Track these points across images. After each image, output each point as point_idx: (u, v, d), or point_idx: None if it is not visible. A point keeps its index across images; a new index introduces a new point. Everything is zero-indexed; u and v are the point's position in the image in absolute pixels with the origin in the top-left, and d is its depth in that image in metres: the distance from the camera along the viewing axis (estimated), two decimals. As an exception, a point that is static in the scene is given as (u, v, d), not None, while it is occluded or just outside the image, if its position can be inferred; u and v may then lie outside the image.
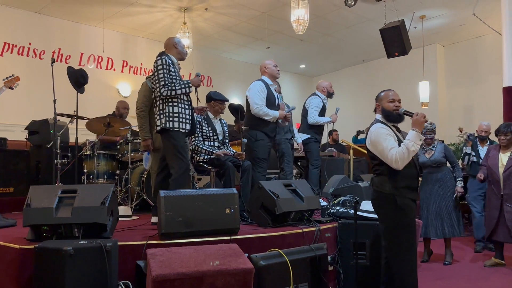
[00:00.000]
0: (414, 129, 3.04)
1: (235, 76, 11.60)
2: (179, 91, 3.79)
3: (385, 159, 3.06)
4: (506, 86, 6.35)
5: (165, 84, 3.75)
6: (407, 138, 3.03)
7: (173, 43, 4.06)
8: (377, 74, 11.99)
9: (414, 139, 3.01)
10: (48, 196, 3.03)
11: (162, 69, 3.78)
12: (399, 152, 2.99)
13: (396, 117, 3.19)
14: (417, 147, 3.02)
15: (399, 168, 3.02)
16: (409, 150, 2.98)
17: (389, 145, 3.03)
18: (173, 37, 4.15)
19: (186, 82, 3.85)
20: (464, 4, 8.31)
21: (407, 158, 3.01)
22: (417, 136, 3.02)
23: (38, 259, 2.67)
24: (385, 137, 3.07)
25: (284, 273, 3.12)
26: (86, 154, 5.42)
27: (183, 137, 3.89)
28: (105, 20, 8.91)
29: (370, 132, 3.19)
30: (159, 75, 3.78)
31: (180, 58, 4.10)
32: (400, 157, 2.98)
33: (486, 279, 4.26)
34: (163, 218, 3.14)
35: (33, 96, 8.06)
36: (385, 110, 3.22)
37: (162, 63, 3.80)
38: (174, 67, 3.92)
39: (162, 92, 3.76)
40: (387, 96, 3.23)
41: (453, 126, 9.34)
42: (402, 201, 3.07)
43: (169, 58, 3.92)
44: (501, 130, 4.69)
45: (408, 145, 2.99)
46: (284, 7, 8.11)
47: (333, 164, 6.73)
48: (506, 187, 4.56)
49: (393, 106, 3.18)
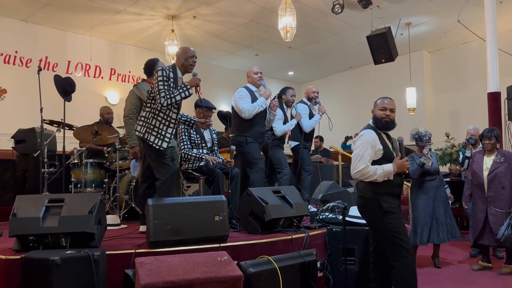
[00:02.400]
0: (394, 168, 3.14)
1: (223, 83, 11.61)
2: (179, 97, 3.69)
3: (352, 163, 3.17)
4: (491, 91, 6.46)
5: (164, 95, 3.65)
6: (383, 169, 3.12)
7: (178, 55, 3.93)
8: (364, 81, 12.11)
9: (387, 174, 3.12)
10: (35, 206, 3.00)
11: (162, 81, 3.68)
12: (367, 169, 3.10)
13: (383, 125, 3.25)
14: (381, 179, 3.12)
15: (354, 178, 3.18)
16: (375, 174, 3.10)
17: (363, 155, 3.12)
18: (180, 48, 4.01)
19: (183, 86, 3.74)
20: (449, 12, 8.44)
21: (367, 177, 3.12)
22: (391, 174, 3.14)
23: (24, 270, 2.64)
24: (367, 146, 3.14)
25: (273, 280, 3.12)
26: (74, 162, 5.37)
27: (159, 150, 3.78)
28: (93, 28, 8.89)
29: (361, 133, 3.26)
30: (159, 87, 3.67)
31: (184, 71, 3.94)
32: (363, 173, 3.11)
33: (474, 283, 4.30)
34: (151, 226, 3.12)
35: (20, 105, 7.98)
36: (375, 117, 3.29)
37: (162, 74, 3.70)
38: (175, 80, 3.78)
39: (162, 103, 3.65)
40: (381, 103, 3.29)
41: (440, 132, 9.44)
42: (388, 205, 3.13)
43: (173, 71, 3.80)
44: (485, 134, 4.76)
45: (378, 173, 3.10)
46: (272, 14, 8.16)
47: (322, 170, 6.76)
48: (490, 190, 4.62)
49: (382, 114, 3.24)
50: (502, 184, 4.57)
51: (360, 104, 11.71)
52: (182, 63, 3.89)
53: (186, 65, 3.89)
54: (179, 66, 3.90)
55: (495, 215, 4.54)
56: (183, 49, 3.98)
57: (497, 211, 4.52)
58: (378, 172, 3.10)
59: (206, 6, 8.06)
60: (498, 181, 4.58)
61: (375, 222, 3.22)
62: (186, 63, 3.89)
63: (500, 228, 4.41)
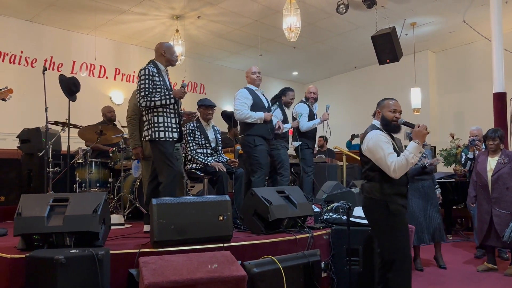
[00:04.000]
0: (416, 141, 3.02)
1: (228, 83, 11.61)
2: (158, 103, 3.77)
3: (383, 167, 3.04)
4: (496, 92, 6.43)
5: (144, 95, 3.76)
6: (408, 149, 3.01)
7: (161, 50, 3.99)
8: (369, 81, 12.08)
9: (414, 151, 2.99)
10: (40, 205, 3.01)
11: (144, 79, 3.78)
12: (398, 162, 2.98)
13: (393, 127, 3.20)
14: (416, 159, 3.01)
15: (396, 178, 3.01)
16: (408, 162, 2.97)
17: (388, 153, 3.01)
18: (162, 43, 4.08)
19: (167, 94, 3.81)
20: (454, 11, 8.40)
21: (405, 168, 3.01)
22: (418, 148, 3.01)
23: (29, 269, 2.65)
24: (384, 145, 3.05)
25: (277, 280, 3.12)
26: (78, 162, 5.40)
27: (171, 145, 3.88)
28: (97, 28, 8.91)
29: (368, 138, 3.16)
30: (140, 86, 3.79)
31: (168, 64, 4.04)
32: (398, 167, 2.98)
33: (479, 284, 4.28)
34: (155, 226, 3.13)
35: (25, 105, 8.00)
36: (384, 119, 3.20)
37: (145, 73, 3.80)
38: (159, 75, 3.87)
39: (141, 103, 3.78)
40: (388, 105, 3.21)
41: (445, 132, 9.41)
42: (394, 207, 3.08)
43: (155, 67, 3.89)
44: (489, 135, 4.73)
45: (408, 157, 2.98)
46: (276, 14, 8.15)
47: (326, 170, 6.75)
48: (494, 191, 4.59)
49: (393, 116, 3.17)
50: (506, 185, 4.54)
51: (365, 104, 11.62)
52: (168, 58, 4.00)
53: (172, 60, 4.03)
54: (161, 61, 3.99)
55: (499, 216, 4.51)
56: (165, 45, 4.06)
57: (502, 212, 4.50)
58: (407, 155, 2.98)
59: (210, 6, 8.06)
60: (503, 182, 4.56)
61: (379, 223, 3.19)
62: (172, 58, 4.02)
63: (506, 230, 4.39)
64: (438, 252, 4.99)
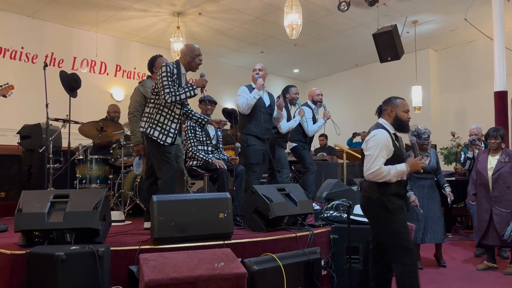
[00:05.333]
0: (407, 168, 3.10)
1: (229, 80, 11.60)
2: (183, 96, 3.69)
3: (366, 164, 3.10)
4: (498, 90, 6.42)
5: (169, 91, 3.64)
6: (396, 168, 3.07)
7: (183, 53, 3.86)
8: (370, 79, 12.06)
9: (400, 174, 3.09)
10: (40, 201, 3.01)
11: (166, 76, 3.67)
12: (381, 169, 3.04)
13: (406, 128, 3.24)
14: (394, 180, 3.08)
15: (367, 179, 3.12)
16: (388, 175, 3.04)
17: (378, 156, 3.06)
18: (186, 45, 3.93)
19: (190, 85, 3.74)
20: (456, 10, 8.38)
21: (380, 177, 3.06)
22: (404, 173, 3.12)
23: (29, 265, 2.65)
24: (382, 147, 3.08)
25: (277, 277, 3.11)
26: (79, 158, 5.39)
27: (163, 145, 3.78)
28: (98, 24, 8.90)
29: (371, 134, 3.17)
30: (163, 83, 3.66)
31: (189, 68, 3.90)
32: (377, 173, 3.05)
33: (479, 283, 4.28)
34: (156, 223, 3.12)
35: (26, 101, 8.00)
36: (398, 119, 3.22)
37: (166, 70, 3.68)
38: (178, 76, 3.76)
39: (167, 99, 3.65)
40: (403, 105, 3.25)
41: (446, 131, 9.38)
42: (393, 205, 3.10)
43: (177, 67, 3.78)
44: (490, 134, 4.73)
45: (392, 174, 3.05)
46: (278, 11, 8.14)
47: (327, 168, 6.75)
48: (495, 190, 4.59)
49: (407, 117, 3.23)
50: (507, 184, 4.54)
51: (366, 102, 11.66)
52: (188, 61, 3.85)
53: (193, 64, 3.87)
54: (184, 63, 3.87)
55: (500, 215, 4.51)
56: (189, 46, 3.91)
57: (502, 211, 4.50)
58: (391, 172, 3.06)
59: (211, 3, 8.05)
60: (503, 181, 4.56)
61: (379, 220, 3.19)
62: (193, 63, 3.86)
63: (506, 229, 4.39)
64: (438, 251, 4.99)
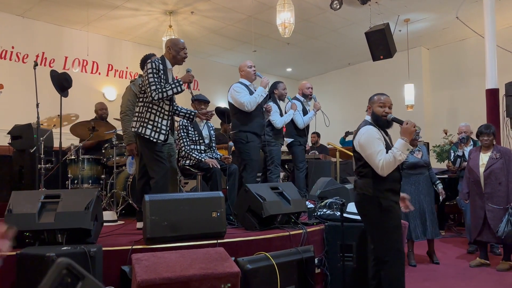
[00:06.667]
0: (403, 138, 3.01)
1: (222, 79, 11.56)
2: (170, 92, 3.67)
3: (372, 163, 3.05)
4: (489, 88, 6.46)
5: (155, 88, 3.62)
6: (395, 147, 3.00)
7: (168, 47, 3.85)
8: (363, 77, 12.09)
9: (401, 148, 2.98)
10: (31, 202, 2.98)
11: (151, 73, 3.65)
12: (386, 159, 2.98)
13: (384, 122, 3.18)
14: (404, 156, 2.99)
15: (384, 175, 3.02)
16: (395, 159, 2.97)
17: (378, 151, 3.01)
18: (170, 39, 3.92)
19: (176, 81, 3.72)
20: (447, 8, 8.42)
21: (393, 166, 3.00)
22: (405, 145, 2.99)
23: (20, 266, 2.62)
24: (375, 141, 3.05)
25: (271, 276, 3.11)
26: (71, 158, 5.36)
27: (155, 144, 3.75)
28: (90, 23, 8.83)
29: (360, 133, 3.16)
30: (149, 79, 3.64)
31: (174, 62, 3.88)
32: (386, 165, 2.98)
33: (472, 279, 4.31)
34: (148, 223, 3.10)
35: (16, 100, 7.92)
36: (374, 114, 3.20)
37: (152, 67, 3.67)
38: (164, 72, 3.74)
39: (153, 96, 3.62)
40: (378, 100, 3.21)
41: (438, 128, 9.45)
42: (387, 203, 3.08)
43: (162, 62, 3.76)
44: (483, 131, 4.76)
45: (396, 154, 2.96)
46: (270, 10, 8.13)
47: (320, 166, 6.75)
48: (487, 187, 4.62)
49: (382, 111, 3.16)
50: (498, 180, 4.57)
51: (359, 100, 11.61)
52: (173, 55, 3.84)
53: (178, 58, 3.86)
54: (169, 58, 3.86)
55: (492, 211, 4.54)
56: (173, 40, 3.91)
57: (495, 207, 4.53)
58: (395, 153, 2.96)
59: (204, 1, 8.02)
60: (495, 177, 4.59)
61: (372, 219, 3.19)
62: (178, 56, 3.85)
63: (500, 225, 4.41)
64: (431, 248, 5.02)
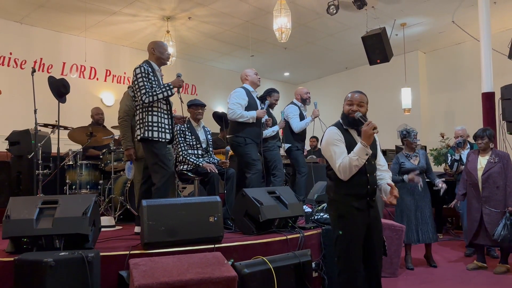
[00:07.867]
0: (362, 142, 2.76)
1: (219, 84, 11.61)
2: (161, 95, 3.73)
3: (332, 166, 2.89)
4: (485, 91, 6.49)
5: (145, 92, 3.70)
6: (353, 151, 2.78)
7: (151, 49, 3.95)
8: (360, 81, 12.11)
9: (359, 153, 2.75)
10: (28, 207, 2.99)
11: (141, 77, 3.74)
12: (342, 163, 2.78)
13: (350, 121, 2.91)
14: (361, 161, 2.76)
15: (345, 179, 2.82)
16: (351, 165, 2.75)
17: (336, 153, 2.83)
18: (153, 42, 4.02)
19: (166, 85, 3.78)
20: (443, 12, 8.47)
21: (349, 172, 2.78)
22: (363, 150, 2.75)
23: (18, 272, 2.62)
24: (335, 143, 2.85)
25: (268, 280, 3.12)
26: (69, 164, 5.36)
27: (163, 146, 3.85)
28: (87, 29, 8.86)
29: (324, 135, 2.99)
30: (139, 84, 3.73)
31: (160, 63, 3.98)
32: (343, 169, 2.78)
33: (469, 282, 4.31)
34: (146, 228, 3.12)
35: (14, 106, 7.93)
36: (342, 113, 2.99)
37: (141, 71, 3.76)
38: (154, 74, 3.83)
39: (144, 99, 3.70)
40: (347, 98, 2.97)
41: (435, 132, 9.49)
42: (344, 208, 2.87)
43: (149, 66, 3.85)
44: (478, 134, 4.79)
45: (352, 159, 2.76)
46: (267, 15, 8.16)
47: (318, 170, 6.76)
48: (485, 190, 4.64)
49: (349, 109, 2.91)
50: (496, 184, 4.59)
51: (356, 104, 11.69)
52: (158, 56, 3.95)
53: (163, 58, 3.97)
54: (154, 60, 3.95)
55: (489, 214, 4.56)
56: (156, 42, 4.01)
57: (492, 210, 4.54)
58: (351, 157, 2.76)
59: (201, 7, 8.06)
60: (493, 181, 4.60)
61: (332, 224, 3.02)
62: (163, 57, 3.97)
63: (496, 229, 4.43)
64: (428, 251, 5.03)
